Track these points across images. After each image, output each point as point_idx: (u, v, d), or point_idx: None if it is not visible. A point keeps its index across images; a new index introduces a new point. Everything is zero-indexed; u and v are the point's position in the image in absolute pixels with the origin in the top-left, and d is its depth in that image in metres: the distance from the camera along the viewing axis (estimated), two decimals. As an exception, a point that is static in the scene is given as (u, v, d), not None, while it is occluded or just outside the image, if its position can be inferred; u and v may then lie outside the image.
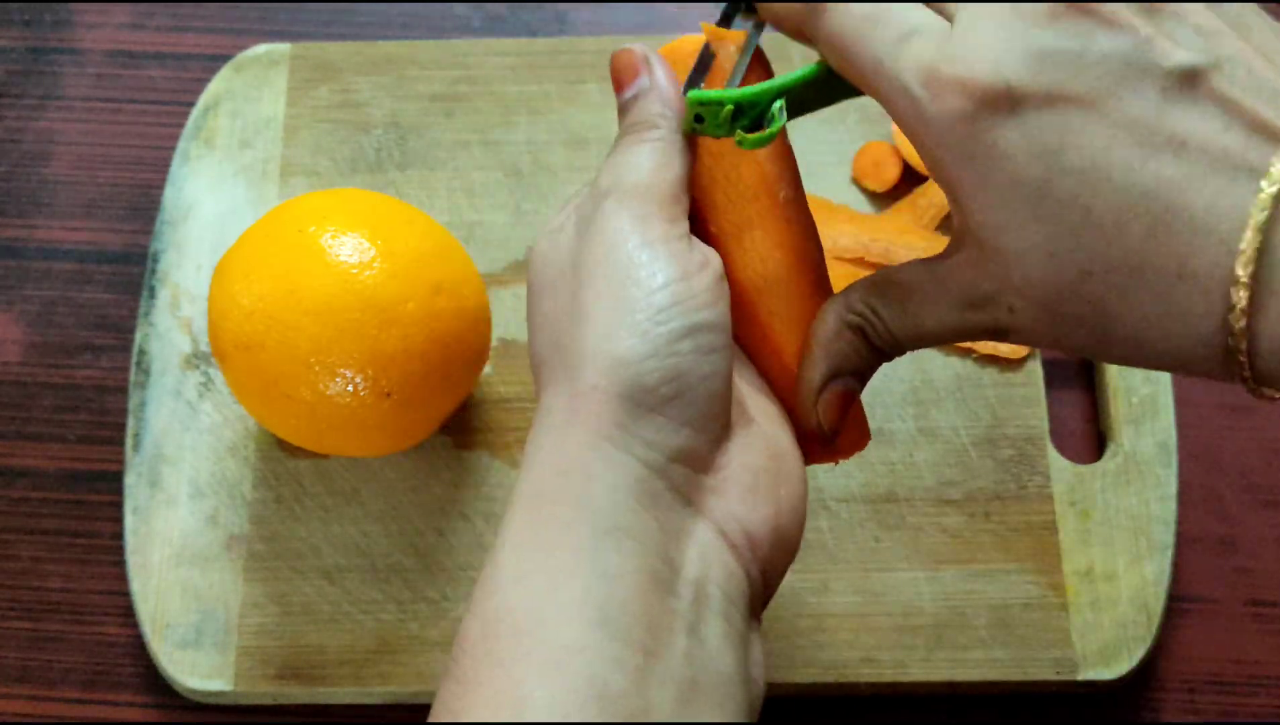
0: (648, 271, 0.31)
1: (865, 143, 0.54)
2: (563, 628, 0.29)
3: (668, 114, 0.34)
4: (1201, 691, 0.48)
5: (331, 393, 0.42)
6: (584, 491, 0.30)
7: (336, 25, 0.60)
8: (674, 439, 0.31)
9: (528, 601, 0.29)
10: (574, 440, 0.31)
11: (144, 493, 0.49)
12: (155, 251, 0.53)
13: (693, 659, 0.29)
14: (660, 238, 0.32)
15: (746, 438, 0.33)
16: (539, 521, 0.30)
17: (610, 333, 0.31)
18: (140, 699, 0.48)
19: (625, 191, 0.33)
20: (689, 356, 0.31)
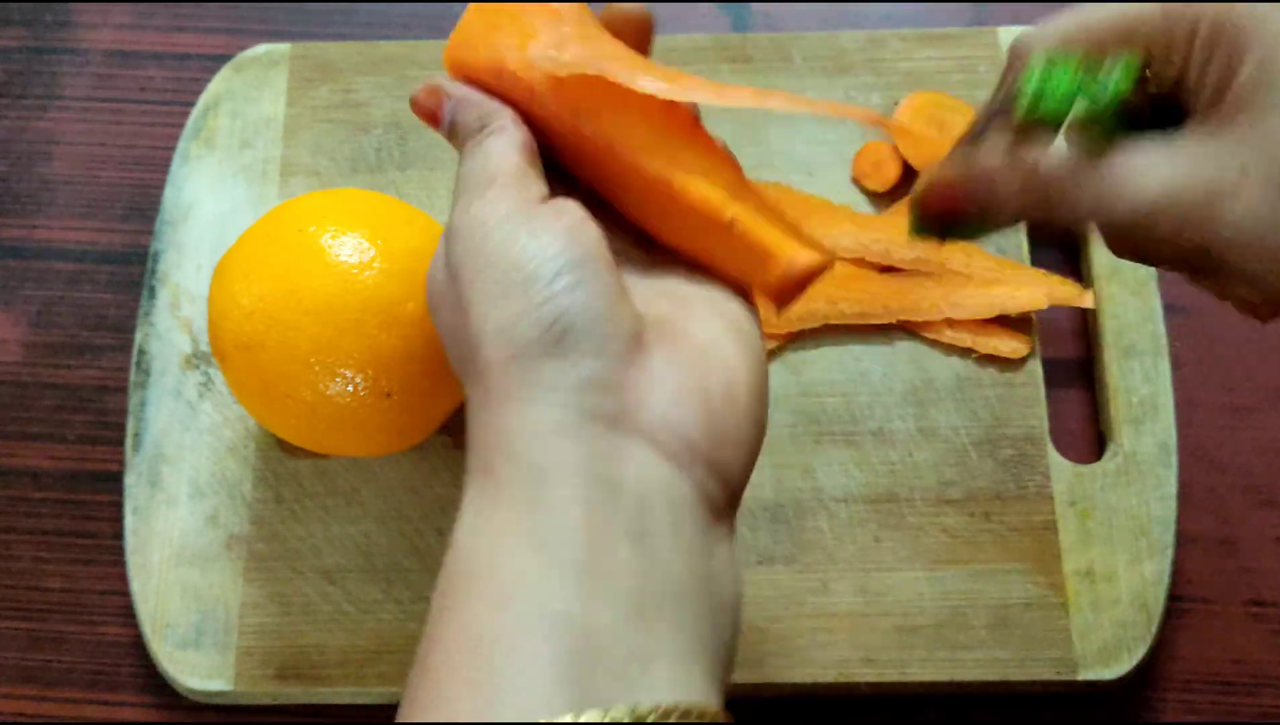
0: (504, 244, 0.33)
1: (865, 143, 0.54)
2: (506, 564, 0.30)
3: (483, 112, 0.36)
4: (1201, 691, 0.48)
5: (331, 393, 0.42)
6: (509, 448, 0.31)
7: (336, 25, 0.60)
8: (574, 373, 0.31)
9: (480, 551, 0.31)
10: (489, 412, 0.32)
11: (144, 493, 0.49)
12: (155, 251, 0.53)
13: (640, 572, 0.30)
14: (511, 211, 0.33)
15: (666, 343, 0.33)
16: (483, 486, 0.32)
17: (487, 310, 0.32)
18: (140, 699, 0.48)
19: (471, 190, 0.34)
20: (563, 296, 0.32)
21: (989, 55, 0.55)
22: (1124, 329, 0.51)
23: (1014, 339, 0.50)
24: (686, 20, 0.59)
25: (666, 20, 0.59)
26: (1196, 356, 0.52)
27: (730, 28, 0.59)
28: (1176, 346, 0.51)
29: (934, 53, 0.55)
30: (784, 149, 0.54)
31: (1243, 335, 0.52)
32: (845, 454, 0.50)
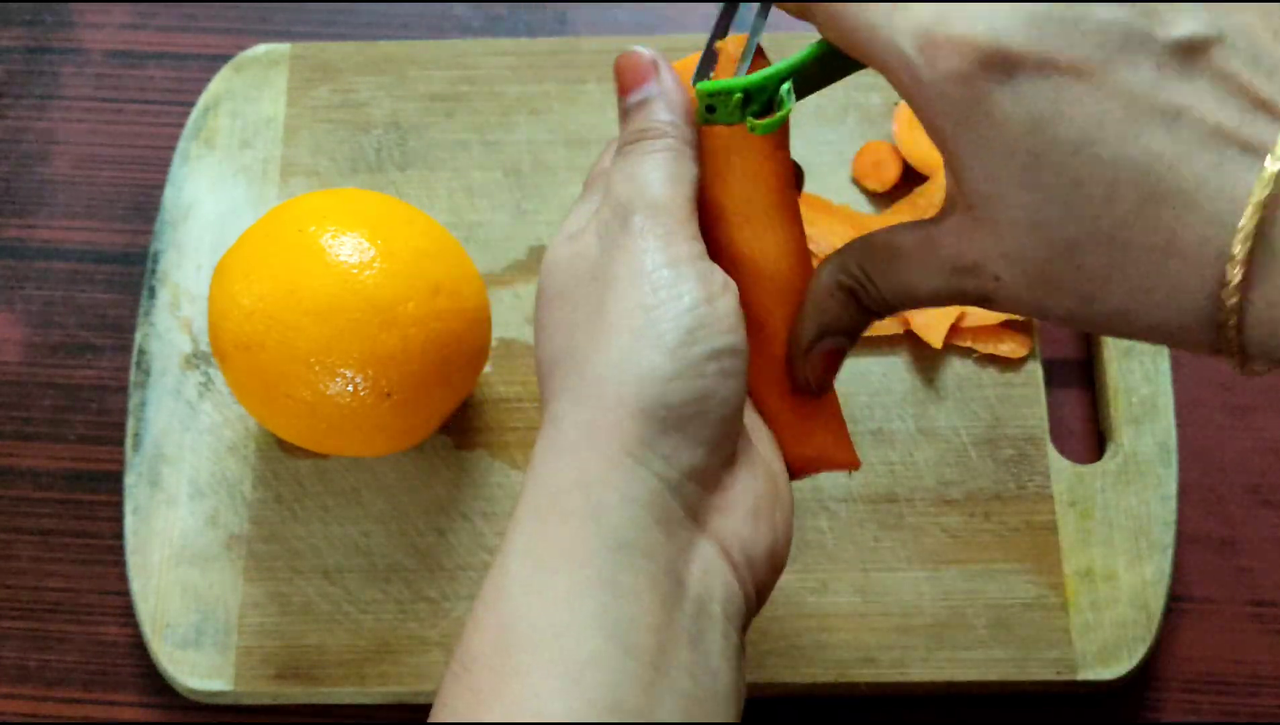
0: (674, 292, 0.32)
1: (865, 143, 0.54)
2: (580, 641, 0.29)
3: (677, 122, 0.34)
4: (1201, 691, 0.48)
5: (331, 393, 0.42)
6: (600, 505, 0.30)
7: (336, 25, 0.60)
8: (690, 457, 0.31)
9: (543, 613, 0.29)
10: (592, 452, 0.31)
11: (144, 493, 0.49)
12: (155, 251, 0.53)
13: (695, 674, 0.30)
14: (685, 257, 0.32)
15: (750, 462, 0.34)
16: (551, 532, 0.31)
17: (636, 350, 0.31)
18: (140, 699, 0.48)
19: (648, 207, 0.33)
20: (712, 378, 0.31)
21: (989, 55, 0.55)
22: (1124, 329, 0.51)
23: (1013, 339, 0.50)
24: (687, 20, 0.59)
25: (667, 20, 0.59)
26: (1196, 356, 0.52)
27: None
28: (1176, 346, 0.51)
29: (934, 53, 0.55)
30: (784, 149, 0.54)
31: (1243, 335, 0.52)
32: (845, 454, 0.50)
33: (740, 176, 0.36)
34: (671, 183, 0.33)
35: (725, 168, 0.36)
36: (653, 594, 0.30)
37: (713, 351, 0.31)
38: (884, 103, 0.55)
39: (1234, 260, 0.27)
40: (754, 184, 0.36)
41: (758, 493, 0.33)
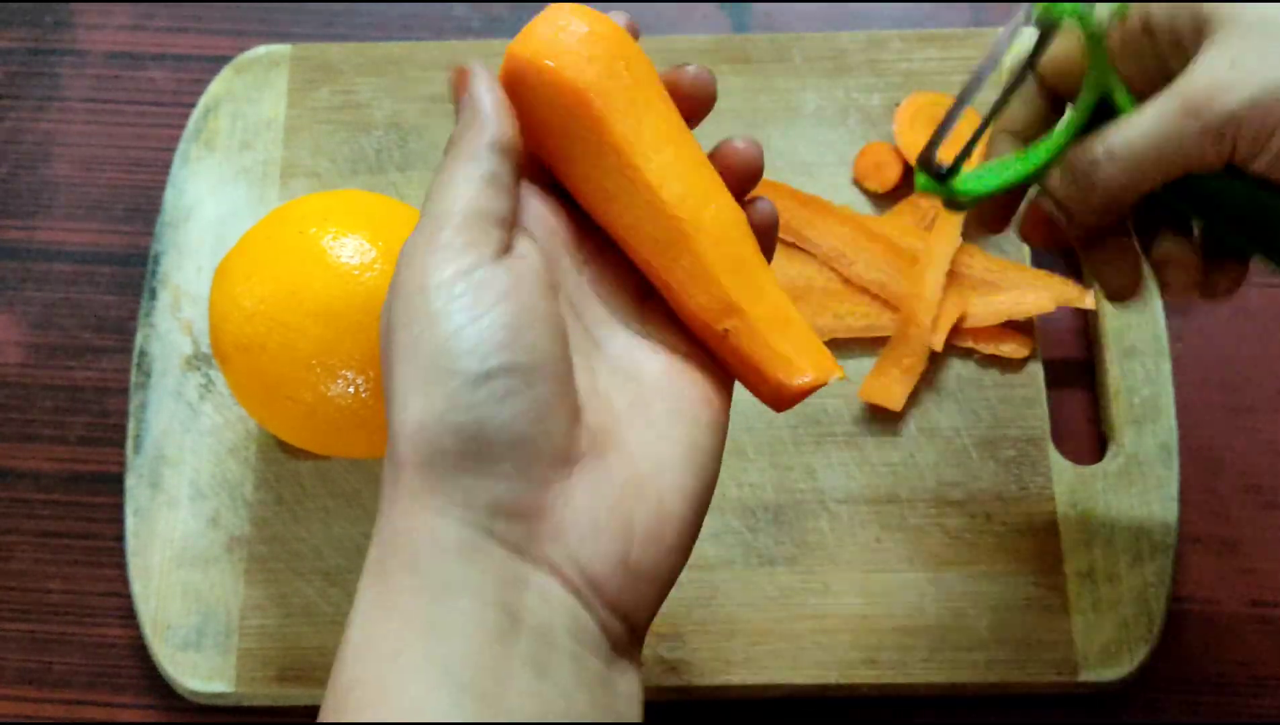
0: (438, 319, 0.30)
1: (866, 144, 0.54)
2: (406, 689, 0.28)
3: (477, 120, 0.33)
4: (1203, 692, 0.48)
5: (333, 394, 0.42)
6: (413, 557, 0.29)
7: (337, 26, 0.60)
8: (486, 495, 0.29)
9: (373, 669, 0.29)
10: (399, 509, 0.30)
11: (145, 494, 0.49)
12: (156, 253, 0.53)
13: (543, 703, 0.29)
14: (455, 274, 0.30)
15: (592, 468, 0.31)
16: (380, 592, 0.30)
17: (406, 396, 0.30)
18: (141, 701, 0.48)
19: (429, 221, 0.31)
20: (485, 407, 0.29)
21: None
22: (1125, 330, 0.51)
23: (1014, 340, 0.50)
24: (687, 21, 0.59)
25: (667, 21, 0.59)
26: (1197, 357, 0.52)
27: (731, 28, 0.59)
28: (1177, 347, 0.51)
29: (934, 53, 0.55)
30: (785, 149, 0.54)
31: (1243, 335, 0.52)
32: (847, 455, 0.50)
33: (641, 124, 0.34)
34: (450, 190, 0.31)
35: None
36: (480, 631, 0.29)
37: (478, 376, 0.29)
38: (884, 103, 0.55)
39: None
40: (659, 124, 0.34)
41: (603, 501, 0.31)
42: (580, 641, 0.30)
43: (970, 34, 0.56)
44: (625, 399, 0.33)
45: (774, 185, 0.52)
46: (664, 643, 0.47)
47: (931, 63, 0.55)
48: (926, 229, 0.52)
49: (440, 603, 0.29)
